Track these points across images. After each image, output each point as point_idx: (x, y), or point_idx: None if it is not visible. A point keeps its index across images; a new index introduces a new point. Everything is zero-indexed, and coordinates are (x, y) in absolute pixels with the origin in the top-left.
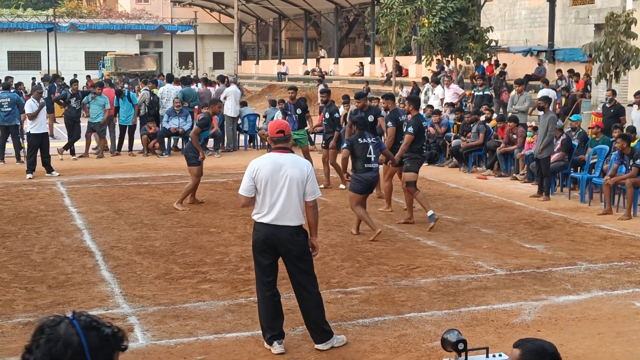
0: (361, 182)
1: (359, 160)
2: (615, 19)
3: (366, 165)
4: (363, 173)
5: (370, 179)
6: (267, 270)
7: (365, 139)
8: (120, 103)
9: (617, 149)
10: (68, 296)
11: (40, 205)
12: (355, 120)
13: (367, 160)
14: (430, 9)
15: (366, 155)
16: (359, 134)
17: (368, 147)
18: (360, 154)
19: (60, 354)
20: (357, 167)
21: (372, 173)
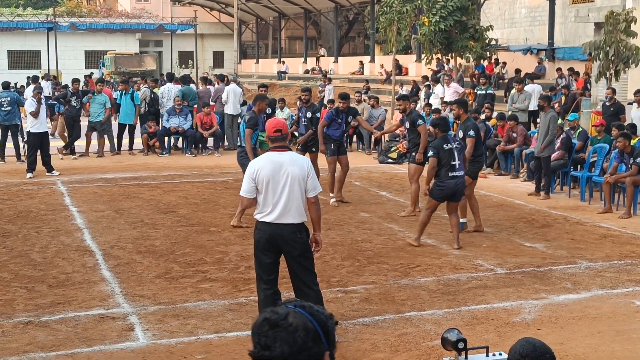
0: (443, 190)
1: (443, 167)
2: (615, 18)
3: (450, 174)
4: (447, 180)
5: (453, 187)
6: (269, 269)
7: (449, 144)
8: (122, 101)
9: (619, 148)
10: (68, 295)
11: (41, 204)
12: (437, 123)
13: (452, 168)
14: (430, 7)
15: (451, 163)
16: (443, 138)
17: (453, 153)
18: (446, 161)
19: (304, 342)
20: (441, 174)
21: (457, 180)
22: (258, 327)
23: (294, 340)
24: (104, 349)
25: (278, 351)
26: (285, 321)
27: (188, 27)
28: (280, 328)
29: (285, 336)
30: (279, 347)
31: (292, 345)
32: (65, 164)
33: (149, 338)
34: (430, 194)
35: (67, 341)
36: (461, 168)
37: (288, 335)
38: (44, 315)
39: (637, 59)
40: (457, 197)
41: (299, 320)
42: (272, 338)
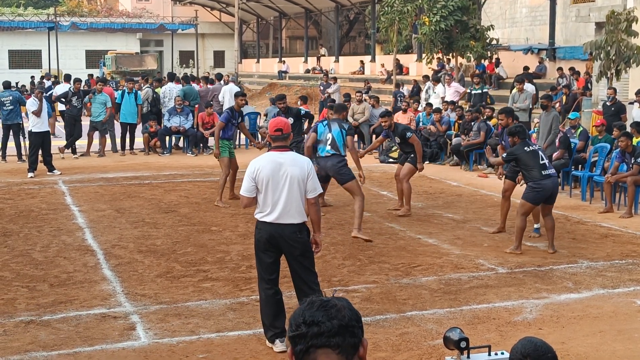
0: (539, 192)
1: (534, 169)
2: (616, 17)
3: (543, 172)
4: (542, 180)
5: (551, 187)
6: (270, 269)
7: (530, 146)
8: (124, 100)
9: (621, 147)
10: (70, 295)
11: (42, 204)
12: (515, 131)
13: (543, 167)
14: (431, 7)
15: (539, 162)
16: (523, 143)
17: (537, 153)
18: (533, 163)
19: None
20: (535, 176)
21: (553, 179)
22: (303, 310)
23: (342, 317)
24: (105, 348)
25: (328, 325)
26: (331, 303)
27: (189, 26)
28: (328, 307)
29: (335, 313)
30: (329, 321)
31: (341, 320)
32: (66, 164)
33: (150, 337)
34: (526, 198)
35: (69, 340)
36: (551, 167)
37: (337, 312)
38: (45, 314)
39: (638, 58)
40: (553, 199)
41: (343, 302)
42: (320, 315)
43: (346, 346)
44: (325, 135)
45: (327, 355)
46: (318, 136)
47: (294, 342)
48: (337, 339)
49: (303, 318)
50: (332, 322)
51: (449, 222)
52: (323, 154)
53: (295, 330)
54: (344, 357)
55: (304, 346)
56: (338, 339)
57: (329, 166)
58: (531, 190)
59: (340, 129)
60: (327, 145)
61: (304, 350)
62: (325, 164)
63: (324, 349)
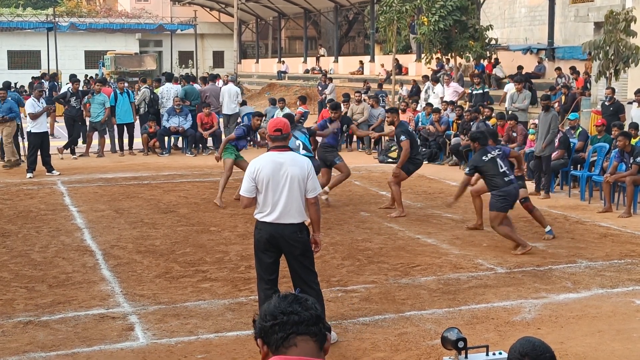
0: (505, 198)
1: (496, 176)
2: (615, 17)
3: (505, 179)
4: (505, 187)
5: (515, 192)
6: (269, 269)
7: (489, 154)
8: (118, 101)
9: (619, 147)
10: (68, 295)
11: (41, 204)
12: (476, 137)
13: (503, 175)
14: (429, 7)
15: (499, 171)
16: (482, 151)
17: (496, 160)
18: (493, 171)
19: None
20: (498, 183)
21: (515, 185)
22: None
23: (316, 309)
24: (104, 348)
25: (306, 315)
26: (302, 297)
27: (188, 27)
28: (302, 300)
29: (309, 305)
30: (306, 311)
31: (315, 311)
32: (65, 164)
33: (149, 338)
34: (493, 208)
35: (67, 341)
36: (511, 172)
37: (311, 305)
38: (44, 315)
39: (637, 58)
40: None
41: (310, 298)
42: (297, 306)
43: (321, 335)
44: (294, 144)
45: (305, 342)
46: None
47: (272, 331)
48: (315, 327)
49: (281, 309)
50: (309, 312)
51: (448, 222)
52: None
53: (272, 320)
54: (319, 345)
55: (284, 334)
56: (315, 328)
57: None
58: (497, 199)
59: (304, 134)
60: (300, 150)
61: (284, 337)
62: None
63: (303, 336)
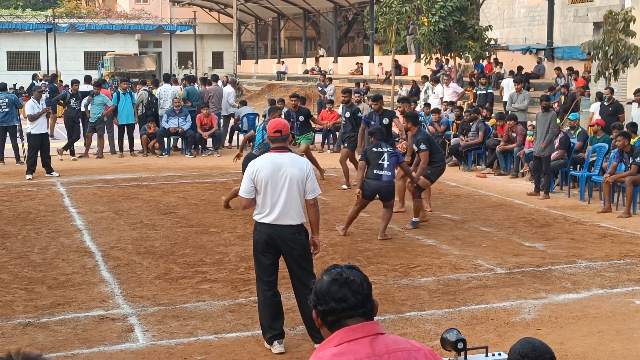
0: (366, 190)
1: (369, 167)
2: (614, 17)
3: (375, 172)
4: (371, 180)
5: (376, 187)
6: (268, 270)
7: (380, 147)
8: (120, 102)
9: (618, 147)
10: (68, 297)
11: (40, 205)
12: (373, 131)
13: (379, 167)
14: (429, 7)
15: (378, 162)
16: (375, 144)
17: (382, 155)
18: (374, 162)
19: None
20: (368, 174)
21: (380, 181)
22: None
23: (363, 289)
24: (103, 350)
25: (354, 300)
26: (350, 278)
27: (187, 27)
28: (350, 283)
29: (357, 287)
30: (354, 296)
31: (361, 294)
32: (64, 165)
33: (148, 339)
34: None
35: (67, 342)
36: (388, 169)
37: (359, 287)
38: (43, 316)
39: (636, 58)
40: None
41: (359, 274)
42: (346, 291)
43: (369, 312)
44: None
45: (356, 320)
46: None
47: (324, 314)
48: (363, 309)
49: (331, 295)
50: (356, 297)
51: (447, 223)
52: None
53: (325, 306)
54: (369, 319)
55: (335, 318)
56: (363, 309)
57: None
58: (364, 183)
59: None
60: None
61: (335, 320)
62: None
63: (352, 319)
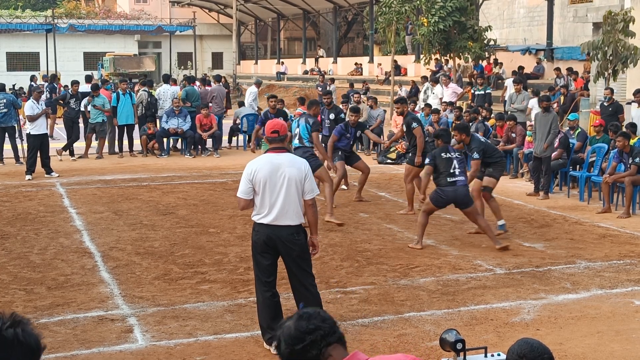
0: (442, 197)
1: (441, 175)
2: (613, 18)
3: (449, 179)
4: (445, 187)
5: (453, 194)
6: (267, 271)
7: (449, 153)
8: (120, 102)
9: (618, 147)
10: (67, 297)
11: (40, 206)
12: (439, 134)
13: (451, 175)
14: (429, 8)
15: (450, 170)
16: (442, 148)
17: (452, 161)
18: (445, 169)
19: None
20: (440, 182)
21: (456, 187)
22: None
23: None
24: (102, 350)
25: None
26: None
27: (187, 28)
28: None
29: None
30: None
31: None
32: (64, 166)
33: (147, 340)
34: (431, 198)
35: (66, 343)
36: (461, 175)
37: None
38: (42, 317)
39: (635, 58)
40: (461, 206)
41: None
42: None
43: (343, 337)
44: (294, 130)
45: (336, 348)
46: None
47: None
48: (337, 334)
49: (304, 330)
50: (327, 323)
51: (447, 223)
52: (293, 147)
53: (301, 343)
54: (344, 345)
55: (317, 350)
56: (338, 334)
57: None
58: (435, 193)
59: (306, 123)
60: (295, 139)
61: (318, 353)
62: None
63: (333, 346)
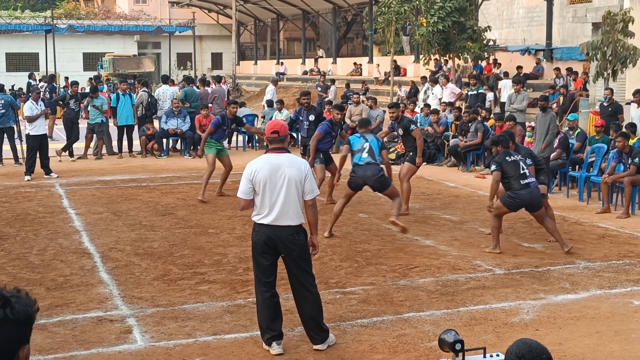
0: (516, 200)
1: (512, 179)
2: (613, 18)
3: (521, 181)
4: (519, 190)
5: (528, 197)
6: (267, 271)
7: (512, 156)
8: (120, 103)
9: (618, 147)
10: (66, 298)
11: (39, 207)
12: (498, 140)
13: (523, 177)
14: (428, 8)
15: (520, 172)
16: (505, 153)
17: (519, 163)
18: (514, 172)
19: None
20: (513, 186)
21: (530, 189)
22: None
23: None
24: (102, 351)
25: None
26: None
27: (186, 28)
28: None
29: None
30: None
31: None
32: (63, 166)
33: (147, 340)
34: (502, 201)
35: (65, 344)
36: (531, 176)
37: None
38: (41, 318)
39: (635, 59)
40: (535, 208)
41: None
42: None
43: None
44: (360, 144)
45: None
46: (352, 147)
47: None
48: None
49: None
50: None
51: (446, 224)
52: (360, 162)
53: None
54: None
55: None
56: None
57: (369, 175)
58: (509, 198)
59: (377, 140)
60: (363, 153)
61: None
62: (364, 173)
63: None
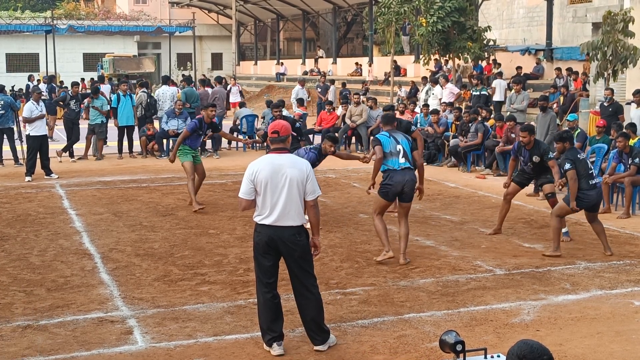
0: (584, 201)
1: (581, 177)
2: (613, 18)
3: (590, 182)
4: (588, 191)
5: (596, 197)
6: (268, 272)
7: (582, 154)
8: (121, 103)
9: (619, 148)
10: (67, 299)
11: (39, 207)
12: (566, 136)
13: (591, 177)
14: (428, 8)
15: (589, 172)
16: (574, 150)
17: (587, 162)
18: (585, 171)
19: None
20: (581, 186)
21: (598, 190)
22: None
23: None
24: (102, 352)
25: None
26: None
27: (186, 29)
28: None
29: None
30: None
31: None
32: (63, 167)
33: (147, 341)
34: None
35: (66, 345)
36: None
37: None
38: (42, 319)
39: (635, 59)
40: (596, 208)
41: None
42: None
43: None
44: (393, 146)
45: None
46: (384, 148)
47: None
48: None
49: None
50: None
51: (446, 224)
52: (398, 167)
53: None
54: None
55: None
56: None
57: (408, 180)
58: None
59: (407, 139)
60: (400, 158)
61: None
62: (403, 178)
63: None
